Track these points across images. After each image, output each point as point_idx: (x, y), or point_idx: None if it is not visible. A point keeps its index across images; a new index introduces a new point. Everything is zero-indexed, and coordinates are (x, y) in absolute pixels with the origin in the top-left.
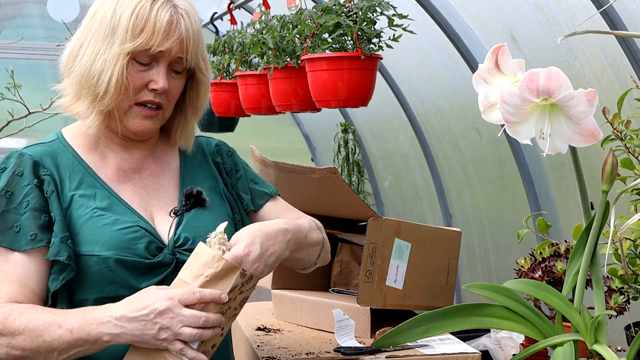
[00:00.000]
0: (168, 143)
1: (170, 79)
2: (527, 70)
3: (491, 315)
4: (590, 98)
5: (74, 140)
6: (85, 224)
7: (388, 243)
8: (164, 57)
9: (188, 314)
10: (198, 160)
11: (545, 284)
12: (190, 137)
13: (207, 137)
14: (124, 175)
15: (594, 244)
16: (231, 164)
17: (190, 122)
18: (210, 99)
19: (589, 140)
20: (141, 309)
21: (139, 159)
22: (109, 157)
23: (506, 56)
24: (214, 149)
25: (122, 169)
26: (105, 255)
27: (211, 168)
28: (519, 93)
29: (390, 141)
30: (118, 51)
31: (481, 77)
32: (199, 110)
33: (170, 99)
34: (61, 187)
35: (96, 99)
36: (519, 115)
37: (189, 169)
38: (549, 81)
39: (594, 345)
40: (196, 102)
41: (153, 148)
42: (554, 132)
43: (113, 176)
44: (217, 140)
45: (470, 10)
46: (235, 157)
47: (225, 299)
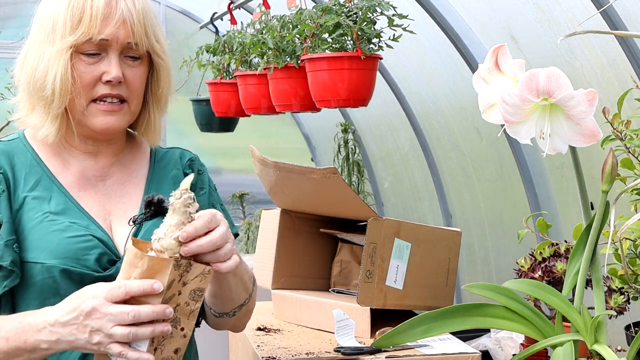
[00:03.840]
0: (138, 149)
1: (127, 68)
2: (527, 70)
3: (491, 315)
4: (590, 98)
5: (36, 143)
6: (34, 228)
7: (388, 243)
8: (111, 46)
9: (115, 311)
10: (169, 170)
11: (545, 284)
12: (155, 132)
13: (184, 149)
14: (86, 182)
15: (594, 244)
16: (198, 181)
17: (153, 114)
18: (210, 98)
19: (589, 140)
20: (71, 310)
21: (104, 166)
22: (71, 164)
23: (506, 56)
24: (187, 162)
25: (85, 176)
26: (50, 264)
27: (180, 179)
28: (519, 93)
29: (390, 141)
30: (59, 47)
31: (481, 77)
32: (162, 99)
33: (133, 90)
34: (14, 187)
35: (47, 105)
36: (519, 115)
37: (157, 177)
38: (549, 81)
39: (594, 345)
40: (157, 90)
41: (120, 154)
42: (554, 132)
43: (74, 182)
44: (193, 154)
45: (470, 10)
46: (204, 176)
47: (160, 288)
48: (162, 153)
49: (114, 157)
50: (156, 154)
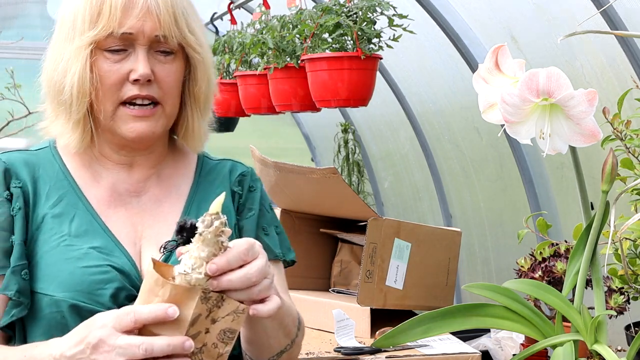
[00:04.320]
0: (182, 160)
1: (158, 65)
2: (527, 70)
3: (491, 315)
4: (590, 98)
5: (66, 154)
6: (48, 253)
7: (388, 243)
8: (137, 40)
9: (124, 343)
10: (215, 186)
11: (545, 284)
12: (196, 137)
13: (236, 161)
14: (118, 199)
15: (594, 244)
16: (247, 200)
17: (192, 117)
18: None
19: (589, 140)
20: (78, 343)
21: (140, 179)
22: (102, 177)
23: (506, 56)
24: (237, 177)
25: (117, 191)
26: (59, 297)
27: (227, 199)
28: (519, 93)
29: (390, 141)
30: (78, 44)
31: (481, 77)
32: (200, 98)
33: (167, 89)
34: (33, 203)
35: (67, 110)
36: (519, 115)
37: (201, 194)
38: (549, 81)
39: (594, 345)
40: (194, 88)
41: (159, 166)
42: (554, 132)
43: (103, 198)
44: (246, 168)
45: (470, 10)
46: (255, 194)
47: (175, 313)
48: (210, 165)
49: (151, 169)
50: (203, 166)
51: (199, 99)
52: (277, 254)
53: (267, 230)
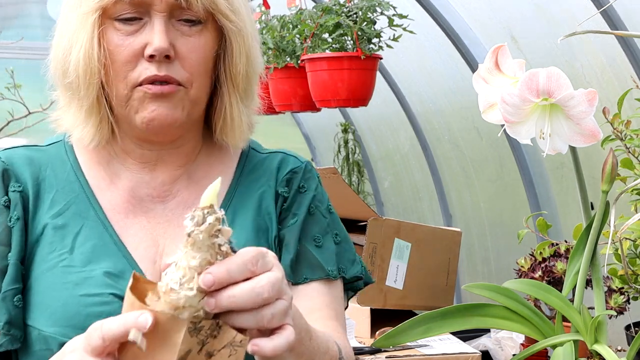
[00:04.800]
0: (220, 155)
1: (180, 37)
2: (527, 70)
3: (491, 315)
4: (590, 98)
5: (82, 150)
6: (43, 275)
7: (388, 243)
8: (153, 5)
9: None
10: (258, 186)
11: (545, 284)
12: (235, 128)
13: (289, 153)
14: (138, 205)
15: (594, 244)
16: (293, 203)
17: (230, 103)
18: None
19: (589, 140)
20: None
21: (165, 181)
22: (121, 178)
23: (506, 56)
24: (286, 174)
25: (137, 196)
26: (48, 332)
27: (268, 202)
28: (519, 93)
29: (390, 141)
30: (84, 9)
31: (481, 77)
32: (238, 79)
33: (192, 68)
34: (34, 210)
35: (77, 94)
36: (519, 115)
37: (239, 197)
38: (549, 81)
39: (594, 345)
40: (231, 67)
41: (191, 164)
42: (554, 132)
43: (120, 204)
44: (301, 161)
45: (470, 10)
46: (306, 196)
47: (146, 322)
48: (257, 160)
49: (179, 168)
50: (248, 161)
51: (237, 81)
52: (328, 271)
53: (320, 241)
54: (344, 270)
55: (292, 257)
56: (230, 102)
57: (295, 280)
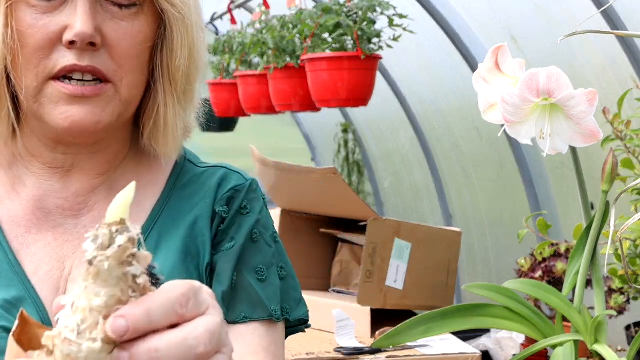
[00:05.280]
0: (150, 166)
1: (109, 21)
2: (527, 70)
3: (491, 315)
4: (590, 98)
5: None
6: None
7: (388, 243)
8: None
9: None
10: (191, 205)
11: (545, 284)
12: (169, 134)
13: (233, 169)
14: (44, 219)
15: (594, 244)
16: (232, 225)
17: (165, 102)
18: (210, 98)
19: (589, 140)
20: None
21: (80, 192)
22: (26, 185)
23: (506, 56)
24: (227, 192)
25: (44, 208)
26: None
27: (203, 222)
28: (519, 93)
29: (390, 141)
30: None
31: (481, 77)
32: (177, 76)
33: (122, 59)
34: None
35: None
36: (519, 115)
37: (169, 214)
38: (549, 81)
39: (594, 345)
40: (170, 61)
41: (112, 174)
42: (554, 132)
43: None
44: (244, 180)
45: (470, 10)
46: (248, 219)
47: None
48: (193, 173)
49: (98, 177)
50: (182, 174)
51: (175, 77)
52: (271, 311)
53: (264, 273)
54: (288, 311)
55: (226, 290)
56: (165, 102)
57: (231, 317)
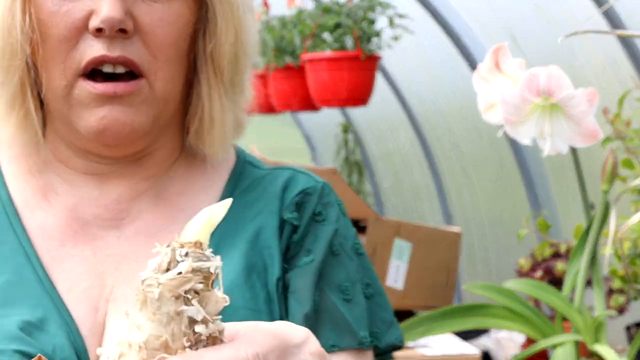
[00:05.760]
0: (204, 168)
1: (142, 4)
2: (528, 70)
3: (491, 315)
4: (590, 98)
5: (9, 155)
6: None
7: (388, 243)
8: None
9: None
10: (254, 213)
11: (545, 284)
12: (215, 132)
13: (301, 170)
14: (81, 230)
15: (594, 244)
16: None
17: (209, 96)
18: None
19: (589, 140)
20: None
21: (122, 199)
22: (58, 192)
23: (506, 56)
24: (295, 196)
25: (81, 217)
26: None
27: (269, 232)
28: (519, 93)
29: (390, 141)
30: None
31: (481, 77)
32: (222, 64)
33: (156, 47)
34: None
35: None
36: (519, 115)
37: (228, 225)
38: (550, 81)
39: (594, 345)
40: (215, 48)
41: (159, 178)
42: (554, 132)
43: (55, 227)
44: (315, 182)
45: (470, 10)
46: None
47: None
48: (255, 177)
49: (144, 181)
50: (242, 178)
51: (221, 66)
52: (361, 337)
53: (349, 292)
54: (377, 335)
55: (308, 311)
56: (209, 96)
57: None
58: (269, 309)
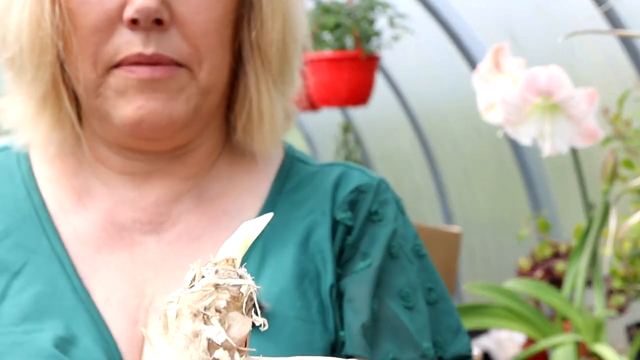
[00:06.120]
0: (248, 166)
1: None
2: (528, 70)
3: (491, 315)
4: (590, 98)
5: (41, 157)
6: None
7: None
8: None
9: None
10: (304, 212)
11: (545, 284)
12: (263, 126)
13: (354, 166)
14: (118, 235)
15: (594, 244)
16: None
17: (257, 88)
18: None
19: (589, 140)
20: None
21: (162, 200)
22: (94, 195)
23: (506, 56)
24: (349, 193)
25: (117, 222)
26: None
27: (321, 234)
28: (519, 93)
29: (390, 141)
30: None
31: (481, 77)
32: (269, 53)
33: (197, 38)
34: None
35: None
36: (519, 115)
37: (276, 226)
38: (550, 81)
39: (594, 345)
40: (260, 37)
41: (201, 179)
42: (554, 132)
43: (90, 232)
44: (370, 178)
45: (470, 10)
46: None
47: None
48: (304, 174)
49: (185, 182)
50: (290, 175)
51: (268, 55)
52: (424, 350)
53: (410, 299)
54: (442, 345)
55: (366, 321)
56: (257, 88)
57: (375, 357)
58: (322, 319)
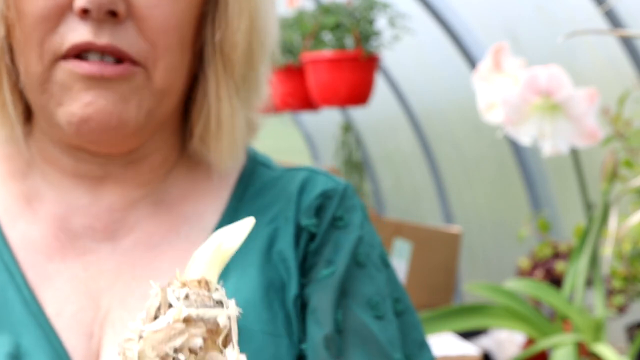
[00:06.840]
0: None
1: None
2: (528, 69)
3: (491, 315)
4: (590, 98)
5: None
6: None
7: (388, 243)
8: None
9: None
10: (269, 219)
11: (545, 284)
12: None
13: (319, 171)
14: (70, 243)
15: (594, 244)
16: (327, 243)
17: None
18: None
19: (589, 140)
20: None
21: (116, 206)
22: (44, 199)
23: (507, 56)
24: (314, 199)
25: (69, 229)
26: None
27: (285, 242)
28: (519, 93)
29: (390, 141)
30: None
31: (482, 76)
32: (233, 56)
33: (154, 34)
34: None
35: None
36: (520, 115)
37: None
38: (550, 81)
39: (594, 345)
40: (224, 35)
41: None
42: (554, 132)
43: (41, 239)
44: (335, 183)
45: (471, 10)
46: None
47: None
48: (266, 179)
49: (140, 188)
50: (252, 180)
51: (231, 58)
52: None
53: (380, 309)
54: (411, 358)
55: (329, 333)
56: (217, 94)
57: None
58: (288, 332)
